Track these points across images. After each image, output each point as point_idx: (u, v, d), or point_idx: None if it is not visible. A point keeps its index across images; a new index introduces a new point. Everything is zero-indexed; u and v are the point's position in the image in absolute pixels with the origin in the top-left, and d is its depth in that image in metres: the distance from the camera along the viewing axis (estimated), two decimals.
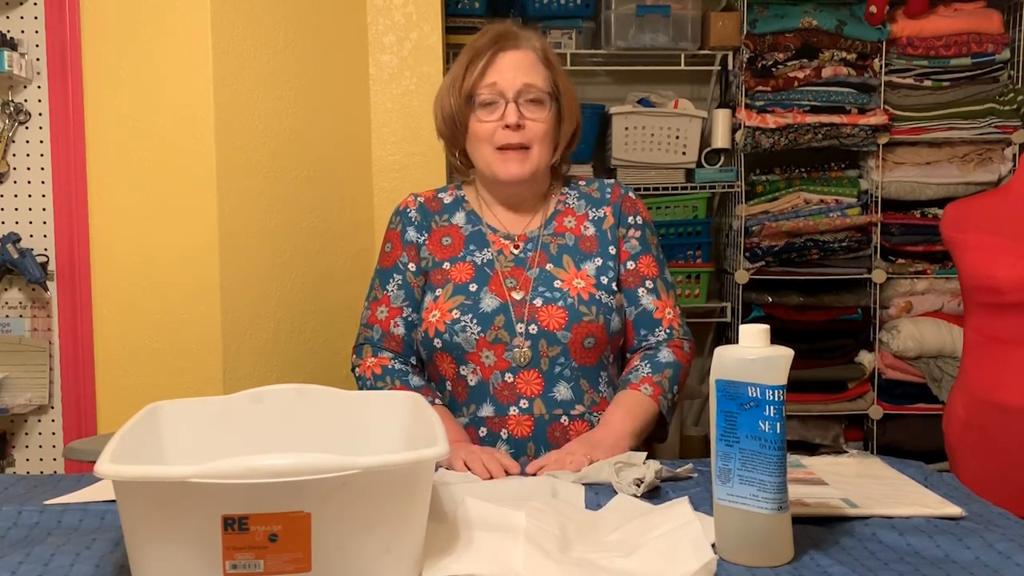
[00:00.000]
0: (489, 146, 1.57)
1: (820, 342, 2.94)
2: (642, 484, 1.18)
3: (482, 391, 1.52)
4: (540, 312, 1.52)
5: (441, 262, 1.60)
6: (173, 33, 1.88)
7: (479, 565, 0.92)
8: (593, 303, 1.53)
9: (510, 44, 1.58)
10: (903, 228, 2.96)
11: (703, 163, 2.98)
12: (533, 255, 1.59)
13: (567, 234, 1.62)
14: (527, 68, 1.57)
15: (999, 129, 2.87)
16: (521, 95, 1.55)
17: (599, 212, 1.64)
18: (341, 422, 1.16)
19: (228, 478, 0.82)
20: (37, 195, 1.93)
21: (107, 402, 1.95)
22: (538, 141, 1.56)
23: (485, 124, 1.56)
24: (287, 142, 2.08)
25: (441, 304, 1.54)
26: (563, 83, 1.61)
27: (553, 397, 1.51)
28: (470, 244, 1.61)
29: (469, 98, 1.57)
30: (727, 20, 2.87)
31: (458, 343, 1.51)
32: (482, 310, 1.52)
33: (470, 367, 1.52)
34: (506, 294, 1.54)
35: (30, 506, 1.13)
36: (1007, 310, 1.89)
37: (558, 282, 1.55)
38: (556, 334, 1.51)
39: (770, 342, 0.97)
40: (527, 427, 1.50)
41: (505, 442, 1.50)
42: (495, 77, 1.56)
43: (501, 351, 1.51)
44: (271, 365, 2.03)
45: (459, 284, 1.56)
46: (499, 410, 1.51)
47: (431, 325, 1.54)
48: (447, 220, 1.65)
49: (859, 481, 1.21)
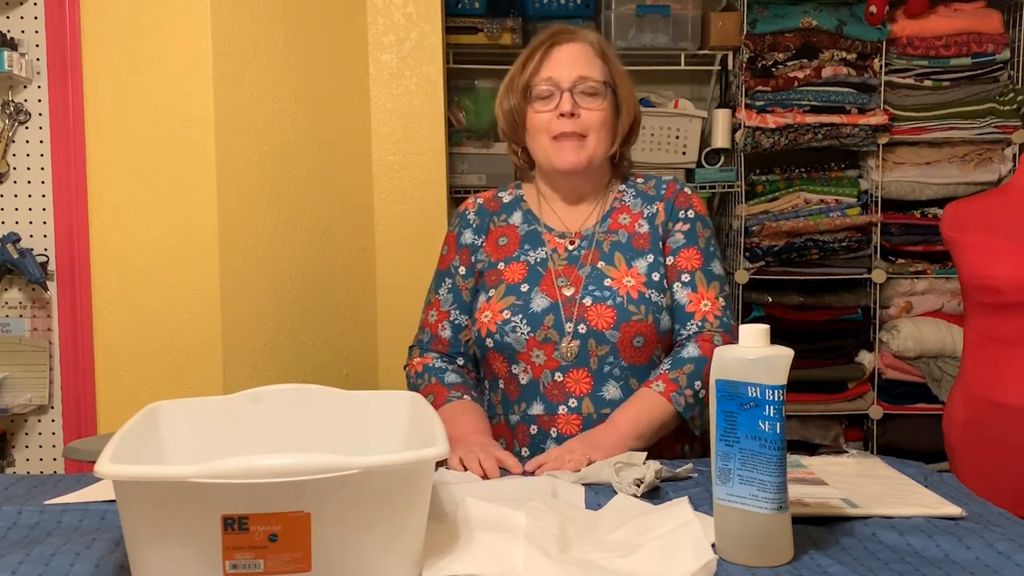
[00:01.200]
0: (546, 136, 1.58)
1: (820, 342, 2.94)
2: (642, 484, 1.18)
3: (533, 390, 1.53)
4: (589, 311, 1.52)
5: (496, 262, 1.62)
6: (173, 33, 1.88)
7: (479, 565, 0.92)
8: (643, 302, 1.53)
9: (565, 38, 1.60)
10: (903, 228, 2.96)
11: (703, 163, 2.98)
12: (587, 253, 1.59)
13: (621, 231, 1.62)
14: (583, 61, 1.58)
15: (999, 129, 2.87)
16: (576, 86, 1.56)
17: (652, 208, 1.64)
18: (341, 422, 1.16)
19: (228, 478, 0.82)
20: (37, 195, 1.93)
21: (107, 402, 1.95)
22: (594, 130, 1.57)
23: (541, 115, 1.58)
24: (287, 142, 2.08)
25: (493, 305, 1.56)
26: (620, 75, 1.62)
27: (602, 396, 1.51)
28: (525, 244, 1.62)
29: (526, 92, 1.59)
30: (727, 20, 2.87)
31: (509, 343, 1.53)
32: (532, 310, 1.54)
33: (521, 366, 1.54)
34: (557, 292, 1.55)
35: (30, 506, 1.13)
36: (1007, 310, 1.89)
37: (608, 280, 1.55)
38: (605, 333, 1.51)
39: (770, 342, 0.97)
40: (576, 426, 1.50)
41: (554, 440, 1.51)
42: (550, 71, 1.58)
43: (551, 350, 1.52)
44: (271, 365, 2.03)
45: (511, 284, 1.57)
46: (549, 408, 1.52)
47: (483, 325, 1.56)
48: (505, 220, 1.67)
49: (859, 481, 1.21)
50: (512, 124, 1.64)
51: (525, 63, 1.61)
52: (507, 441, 1.55)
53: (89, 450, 1.64)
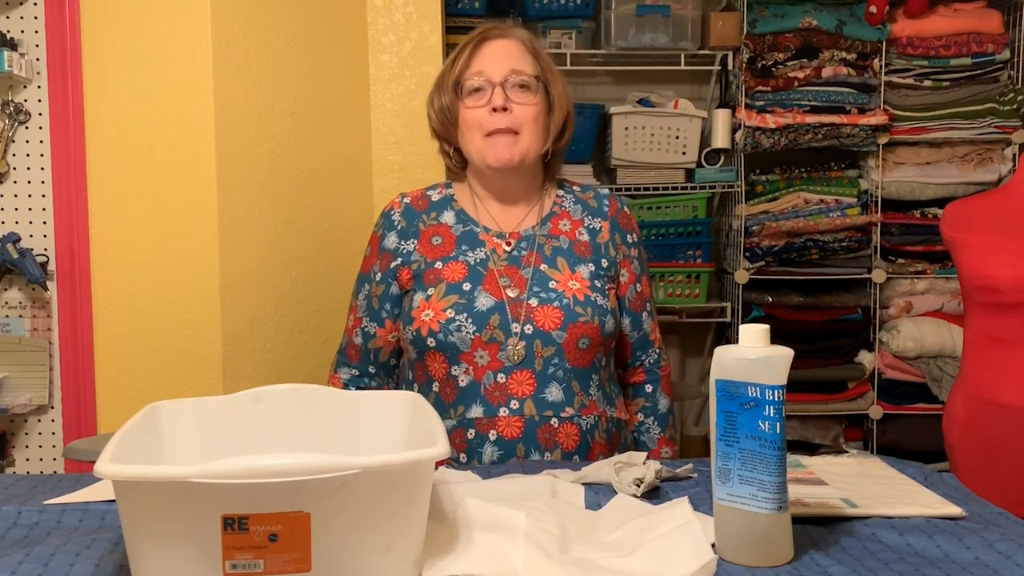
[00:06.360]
0: (478, 133, 1.56)
1: (820, 342, 2.94)
2: (642, 484, 1.18)
3: (472, 392, 1.50)
4: (536, 312, 1.51)
5: (433, 262, 1.58)
6: (173, 33, 1.88)
7: (479, 565, 0.92)
8: (588, 304, 1.52)
9: (496, 34, 1.60)
10: (903, 228, 2.96)
11: (703, 163, 2.98)
12: (528, 254, 1.58)
13: (562, 237, 1.61)
14: (514, 55, 1.57)
15: (999, 129, 2.87)
16: (508, 80, 1.55)
17: (595, 223, 1.64)
18: (341, 422, 1.16)
19: (228, 478, 0.82)
20: (37, 195, 1.93)
21: (107, 402, 1.95)
22: (527, 126, 1.55)
23: (473, 110, 1.56)
24: (287, 142, 2.08)
25: (434, 303, 1.52)
26: (551, 71, 1.61)
27: (544, 398, 1.49)
28: (462, 244, 1.59)
29: (457, 87, 1.58)
30: (727, 20, 2.87)
31: (453, 343, 1.49)
32: (477, 309, 1.51)
33: (462, 367, 1.50)
34: (501, 292, 1.53)
35: (30, 506, 1.13)
36: (1007, 310, 1.89)
37: (553, 283, 1.54)
38: (551, 334, 1.50)
39: (770, 342, 0.97)
40: (517, 428, 1.48)
41: (493, 444, 1.48)
42: (481, 65, 1.57)
43: (495, 351, 1.49)
44: (271, 365, 2.03)
45: (452, 283, 1.54)
46: (489, 411, 1.48)
47: (424, 324, 1.51)
48: (435, 219, 1.63)
49: (859, 481, 1.21)
50: (444, 122, 1.62)
51: (455, 59, 1.59)
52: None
53: (89, 450, 1.64)
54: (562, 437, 1.48)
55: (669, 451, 1.65)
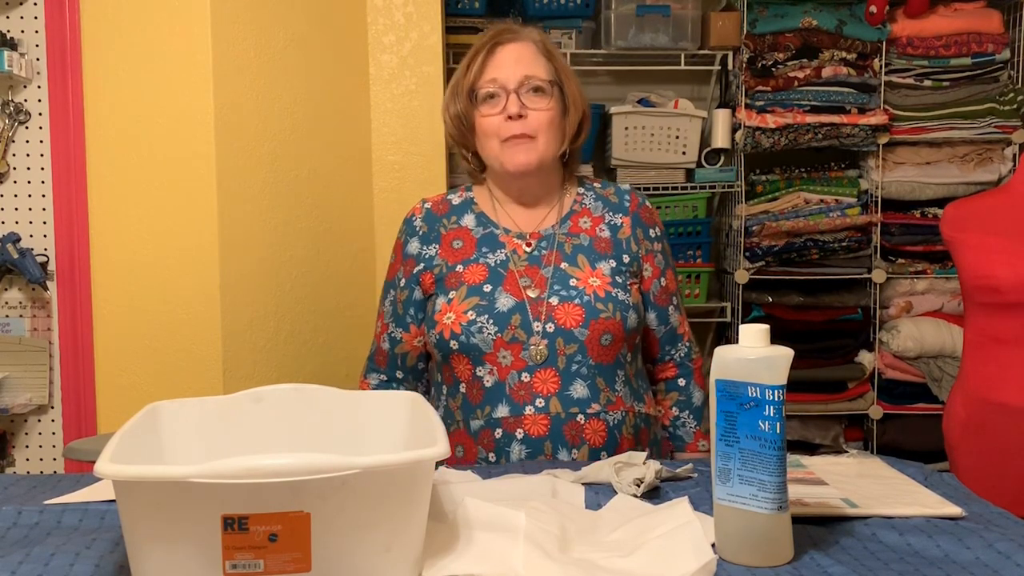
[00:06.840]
0: (495, 139, 1.57)
1: (820, 342, 2.94)
2: (642, 484, 1.18)
3: (498, 392, 1.51)
4: (557, 310, 1.51)
5: (454, 265, 1.59)
6: (173, 33, 1.88)
7: (479, 565, 0.92)
8: (610, 300, 1.53)
9: (508, 37, 1.59)
10: (903, 228, 2.96)
11: (703, 163, 2.98)
12: (548, 254, 1.58)
13: (582, 235, 1.61)
14: (527, 60, 1.57)
15: (999, 129, 2.87)
16: (522, 86, 1.55)
17: (616, 219, 1.64)
18: (341, 422, 1.16)
19: (228, 478, 0.82)
20: (37, 195, 1.93)
21: (107, 402, 1.95)
22: (543, 130, 1.56)
23: (489, 118, 1.57)
24: (287, 142, 2.08)
25: (456, 306, 1.53)
26: (565, 72, 1.61)
27: (569, 395, 1.50)
28: (482, 246, 1.60)
29: (472, 95, 1.58)
30: (727, 20, 2.87)
31: (475, 344, 1.50)
32: (498, 310, 1.52)
33: (487, 368, 1.51)
34: (522, 292, 1.53)
35: (30, 506, 1.13)
36: (1007, 310, 1.89)
37: (573, 280, 1.54)
38: (573, 331, 1.50)
39: (770, 342, 0.97)
40: (543, 426, 1.48)
41: (521, 442, 1.48)
42: (495, 72, 1.56)
43: (518, 350, 1.50)
44: (271, 365, 2.03)
45: (473, 286, 1.55)
46: (515, 410, 1.49)
47: (446, 327, 1.52)
48: (456, 223, 1.64)
49: (859, 481, 1.21)
50: (460, 129, 1.63)
51: (468, 66, 1.59)
52: (468, 448, 1.52)
53: (89, 450, 1.64)
54: (589, 434, 1.49)
55: (706, 444, 1.64)
